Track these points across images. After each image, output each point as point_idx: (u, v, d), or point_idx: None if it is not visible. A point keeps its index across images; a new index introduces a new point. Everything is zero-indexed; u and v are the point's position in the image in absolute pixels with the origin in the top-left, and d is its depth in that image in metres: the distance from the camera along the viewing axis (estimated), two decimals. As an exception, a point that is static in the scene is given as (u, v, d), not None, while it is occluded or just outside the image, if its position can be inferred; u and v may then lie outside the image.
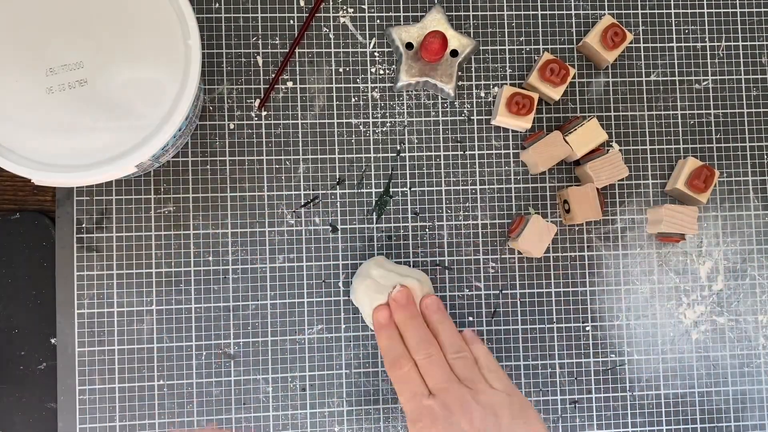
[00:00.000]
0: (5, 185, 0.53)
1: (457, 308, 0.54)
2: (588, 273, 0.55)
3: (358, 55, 0.54)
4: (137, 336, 0.52)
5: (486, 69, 0.55)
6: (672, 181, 0.55)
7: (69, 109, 0.42)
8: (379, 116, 0.54)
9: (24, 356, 0.52)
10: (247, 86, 0.54)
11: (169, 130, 0.43)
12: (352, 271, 0.53)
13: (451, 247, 0.54)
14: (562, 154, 0.52)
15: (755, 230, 0.56)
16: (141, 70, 0.43)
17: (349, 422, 0.53)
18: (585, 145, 0.52)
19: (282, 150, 0.53)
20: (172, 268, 0.52)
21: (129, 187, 0.52)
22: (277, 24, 0.54)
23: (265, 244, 0.53)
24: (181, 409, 0.51)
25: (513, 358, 0.54)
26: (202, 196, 0.53)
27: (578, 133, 0.52)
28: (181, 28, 0.43)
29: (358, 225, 0.54)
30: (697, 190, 0.53)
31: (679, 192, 0.54)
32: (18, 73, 0.42)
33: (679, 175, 0.54)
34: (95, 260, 0.52)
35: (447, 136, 0.55)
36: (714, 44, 0.57)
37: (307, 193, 0.53)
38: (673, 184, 0.54)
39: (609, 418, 0.54)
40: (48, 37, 0.43)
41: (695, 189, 0.53)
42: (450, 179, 0.54)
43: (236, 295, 0.52)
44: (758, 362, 0.55)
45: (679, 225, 0.53)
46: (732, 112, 0.57)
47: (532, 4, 0.56)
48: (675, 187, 0.54)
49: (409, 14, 0.55)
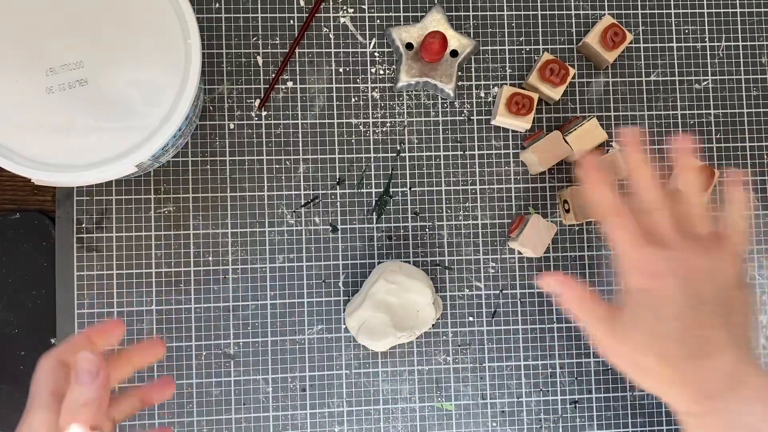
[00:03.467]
0: (5, 185, 0.53)
1: (457, 308, 0.54)
2: (588, 273, 0.55)
3: (358, 55, 0.54)
4: (137, 336, 0.52)
5: (486, 69, 0.55)
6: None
7: (69, 109, 0.42)
8: (379, 116, 0.54)
9: (24, 356, 0.52)
10: (247, 86, 0.54)
11: (169, 130, 0.43)
12: (352, 271, 0.53)
13: (451, 247, 0.54)
14: (562, 154, 0.52)
15: (755, 230, 0.56)
16: (141, 70, 0.43)
17: (349, 422, 0.53)
18: (585, 145, 0.52)
19: (282, 150, 0.53)
20: (172, 268, 0.52)
21: (129, 187, 0.52)
22: (277, 24, 0.54)
23: (265, 244, 0.53)
24: (181, 409, 0.51)
25: (513, 358, 0.54)
26: (202, 196, 0.53)
27: (578, 133, 0.52)
28: (181, 28, 0.43)
29: (358, 225, 0.54)
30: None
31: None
32: (18, 73, 0.42)
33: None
34: (95, 260, 0.52)
35: (447, 136, 0.55)
36: (714, 44, 0.57)
37: (307, 193, 0.53)
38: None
39: (609, 418, 0.54)
40: (48, 36, 0.43)
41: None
42: (450, 179, 0.54)
43: (236, 295, 0.52)
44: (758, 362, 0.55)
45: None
46: (732, 112, 0.57)
47: (532, 4, 0.56)
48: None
49: (409, 14, 0.55)
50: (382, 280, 0.49)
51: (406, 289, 0.49)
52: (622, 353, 0.43)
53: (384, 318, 0.49)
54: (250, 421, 0.52)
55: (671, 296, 0.41)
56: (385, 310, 0.49)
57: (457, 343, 0.54)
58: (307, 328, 0.53)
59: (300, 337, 0.53)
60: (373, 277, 0.51)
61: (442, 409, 0.53)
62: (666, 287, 0.41)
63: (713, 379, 0.40)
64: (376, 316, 0.49)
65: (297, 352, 0.53)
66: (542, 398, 0.54)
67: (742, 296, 0.42)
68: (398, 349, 0.53)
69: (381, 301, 0.49)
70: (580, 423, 0.54)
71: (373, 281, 0.50)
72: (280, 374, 0.52)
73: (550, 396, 0.54)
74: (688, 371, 0.40)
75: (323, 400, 0.53)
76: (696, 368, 0.40)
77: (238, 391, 0.52)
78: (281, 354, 0.52)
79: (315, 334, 0.53)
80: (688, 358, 0.40)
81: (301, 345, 0.53)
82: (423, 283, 0.50)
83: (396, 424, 0.53)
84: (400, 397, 0.53)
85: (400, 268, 0.50)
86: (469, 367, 0.53)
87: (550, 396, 0.54)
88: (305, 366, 0.53)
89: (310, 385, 0.53)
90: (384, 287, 0.49)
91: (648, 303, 0.41)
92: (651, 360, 0.41)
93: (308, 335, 0.53)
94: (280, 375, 0.52)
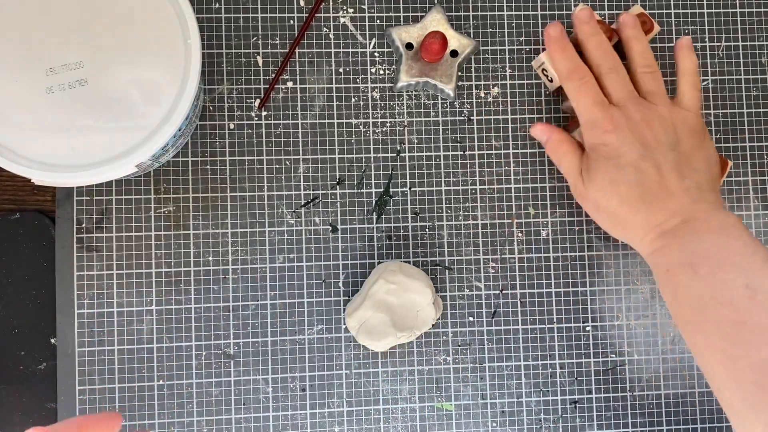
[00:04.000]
0: (5, 185, 0.53)
1: (457, 308, 0.54)
2: (588, 273, 0.55)
3: (358, 55, 0.54)
4: (137, 336, 0.52)
5: (486, 69, 0.55)
6: None
7: (69, 109, 0.42)
8: (379, 116, 0.54)
9: (24, 356, 0.52)
10: (247, 86, 0.54)
11: (168, 130, 0.43)
12: (352, 271, 0.53)
13: (451, 247, 0.54)
14: None
15: (755, 230, 0.56)
16: (141, 70, 0.43)
17: (349, 422, 0.53)
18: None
19: (282, 150, 0.53)
20: (172, 268, 0.52)
21: (129, 187, 0.52)
22: (277, 24, 0.54)
23: (265, 244, 0.53)
24: (181, 409, 0.51)
25: (513, 358, 0.54)
26: (202, 196, 0.53)
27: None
28: (181, 27, 0.43)
29: (358, 225, 0.54)
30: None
31: None
32: (18, 73, 0.42)
33: None
34: (95, 260, 0.52)
35: (447, 136, 0.55)
36: (714, 44, 0.57)
37: (307, 193, 0.53)
38: None
39: (609, 418, 0.54)
40: (48, 37, 0.43)
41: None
42: (450, 179, 0.54)
43: (236, 295, 0.52)
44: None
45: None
46: (732, 112, 0.57)
47: (532, 4, 0.56)
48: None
49: (409, 14, 0.55)
50: (382, 280, 0.49)
51: (406, 289, 0.49)
52: (589, 198, 0.48)
53: (384, 318, 0.49)
54: (250, 421, 0.52)
55: (627, 146, 0.46)
56: (385, 310, 0.49)
57: (457, 343, 0.54)
58: (307, 328, 0.53)
59: (300, 337, 0.53)
60: (373, 277, 0.51)
61: (442, 409, 0.53)
62: (623, 139, 0.46)
63: (666, 218, 0.45)
64: (376, 316, 0.49)
65: (297, 352, 0.53)
66: (542, 398, 0.54)
67: (699, 144, 0.47)
68: (398, 349, 0.53)
69: (381, 301, 0.49)
70: (580, 423, 0.54)
71: (373, 281, 0.50)
72: (280, 374, 0.52)
73: (550, 396, 0.54)
74: (641, 211, 0.46)
75: (323, 400, 0.53)
76: (649, 208, 0.45)
77: (238, 391, 0.52)
78: (281, 354, 0.52)
79: (315, 334, 0.53)
80: (642, 199, 0.45)
81: (301, 345, 0.53)
82: (423, 283, 0.50)
83: (396, 424, 0.53)
84: (400, 397, 0.53)
85: (400, 268, 0.50)
86: (469, 367, 0.54)
87: (550, 396, 0.54)
88: (305, 366, 0.53)
89: (310, 385, 0.53)
90: (384, 287, 0.49)
91: (608, 153, 0.46)
92: (613, 203, 0.46)
93: (308, 335, 0.53)
94: (280, 375, 0.52)
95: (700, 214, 0.45)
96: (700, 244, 0.43)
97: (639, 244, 0.47)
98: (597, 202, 0.48)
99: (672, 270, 0.44)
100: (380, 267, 0.51)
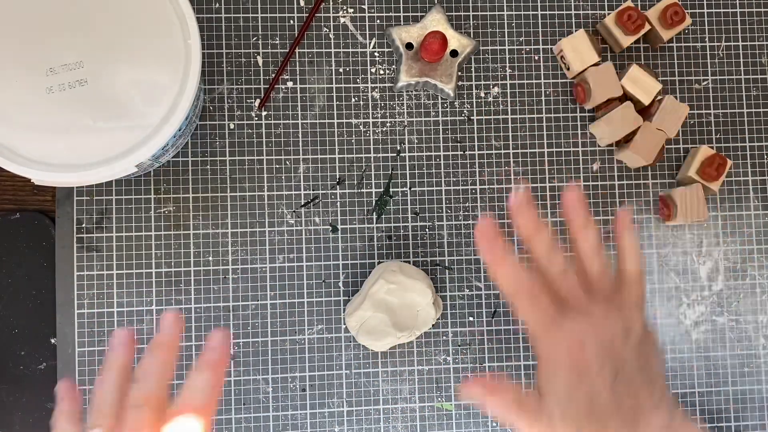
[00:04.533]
0: (5, 185, 0.53)
1: (457, 308, 0.54)
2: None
3: (358, 55, 0.54)
4: (137, 336, 0.52)
5: (486, 69, 0.55)
6: (684, 169, 0.55)
7: (69, 109, 0.42)
8: (379, 116, 0.54)
9: (24, 356, 0.52)
10: (247, 86, 0.54)
11: (169, 130, 0.43)
12: (352, 271, 0.53)
13: (451, 247, 0.54)
14: (633, 127, 0.53)
15: (755, 230, 0.56)
16: (141, 69, 0.43)
17: (349, 422, 0.53)
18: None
19: (282, 150, 0.53)
20: (172, 268, 0.52)
21: (129, 187, 0.52)
22: (277, 24, 0.54)
23: (265, 244, 0.53)
24: (181, 409, 0.51)
25: (513, 358, 0.54)
26: (202, 196, 0.53)
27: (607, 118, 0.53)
28: (181, 28, 0.43)
29: (358, 225, 0.54)
30: (709, 178, 0.53)
31: (690, 179, 0.54)
32: (18, 73, 0.42)
33: (692, 162, 0.54)
34: (95, 260, 0.52)
35: (447, 136, 0.55)
36: (714, 44, 0.57)
37: (307, 193, 0.53)
38: (685, 172, 0.54)
39: (609, 418, 0.54)
40: (48, 37, 0.43)
41: (707, 177, 0.53)
42: (450, 179, 0.54)
43: (236, 295, 0.52)
44: (758, 362, 0.55)
45: (688, 205, 0.53)
46: (732, 112, 0.57)
47: (532, 4, 0.56)
48: (687, 175, 0.54)
49: (409, 14, 0.55)
50: (382, 280, 0.49)
51: (406, 289, 0.49)
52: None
53: (384, 318, 0.49)
54: (250, 421, 0.52)
55: (598, 369, 0.39)
56: (385, 310, 0.49)
57: (457, 343, 0.54)
58: (307, 328, 0.53)
59: (300, 337, 0.53)
60: (373, 277, 0.51)
61: (442, 409, 0.53)
62: (590, 363, 0.39)
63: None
64: (376, 316, 0.49)
65: (297, 352, 0.53)
66: (542, 398, 0.54)
67: (652, 346, 0.42)
68: (398, 349, 0.53)
69: (381, 301, 0.49)
70: (580, 423, 0.54)
71: (373, 281, 0.50)
72: (280, 374, 0.52)
73: (550, 396, 0.54)
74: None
75: (323, 400, 0.53)
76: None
77: (238, 391, 0.52)
78: (281, 354, 0.52)
79: (315, 334, 0.53)
80: (624, 426, 0.40)
81: (301, 345, 0.53)
82: (423, 283, 0.50)
83: (396, 424, 0.53)
84: (400, 397, 0.53)
85: (400, 268, 0.50)
86: (469, 367, 0.53)
87: (550, 396, 0.54)
88: (305, 366, 0.53)
89: (310, 385, 0.53)
90: (384, 287, 0.49)
91: (576, 382, 0.40)
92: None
93: (308, 335, 0.53)
94: (280, 375, 0.52)
95: (682, 428, 0.41)
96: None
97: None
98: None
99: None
100: (380, 267, 0.51)
